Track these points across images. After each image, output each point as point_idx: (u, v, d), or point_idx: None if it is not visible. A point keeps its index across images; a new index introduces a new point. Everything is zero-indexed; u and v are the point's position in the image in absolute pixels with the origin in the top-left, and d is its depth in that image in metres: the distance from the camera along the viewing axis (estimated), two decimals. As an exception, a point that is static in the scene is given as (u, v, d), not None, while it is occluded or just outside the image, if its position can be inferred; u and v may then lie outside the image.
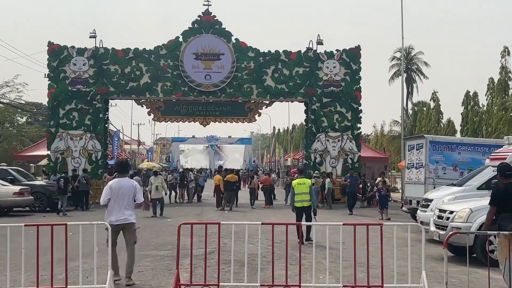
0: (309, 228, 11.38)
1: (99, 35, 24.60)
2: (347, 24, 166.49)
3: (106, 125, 25.93)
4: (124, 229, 7.53)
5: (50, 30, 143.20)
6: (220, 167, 25.87)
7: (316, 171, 22.57)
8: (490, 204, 7.02)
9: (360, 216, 18.45)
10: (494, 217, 6.84)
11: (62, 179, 19.19)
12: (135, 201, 7.70)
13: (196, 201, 24.99)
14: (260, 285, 6.72)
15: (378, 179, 20.41)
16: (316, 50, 24.83)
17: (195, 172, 30.20)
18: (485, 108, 36.97)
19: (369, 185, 21.97)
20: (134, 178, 21.26)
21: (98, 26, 47.34)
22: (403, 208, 17.51)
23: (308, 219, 11.72)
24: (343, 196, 22.98)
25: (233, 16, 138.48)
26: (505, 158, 11.25)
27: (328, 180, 22.13)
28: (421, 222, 11.41)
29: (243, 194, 23.95)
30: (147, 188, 18.35)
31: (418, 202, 14.91)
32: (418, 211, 13.30)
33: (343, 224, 7.13)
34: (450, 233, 7.02)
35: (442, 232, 9.71)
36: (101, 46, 24.29)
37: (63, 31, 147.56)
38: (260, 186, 23.82)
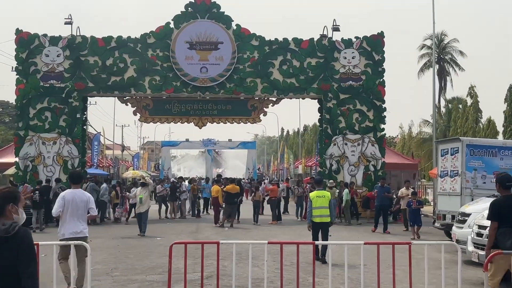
0: (324, 246, 11.67)
1: (76, 21, 24.75)
2: (367, 6, 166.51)
3: (85, 127, 25.96)
4: (76, 244, 8.06)
5: (18, 15, 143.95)
6: (219, 176, 25.88)
7: (331, 180, 22.59)
8: (489, 220, 7.41)
9: (383, 233, 18.41)
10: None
11: (37, 192, 19.33)
12: (88, 213, 8.61)
13: (194, 217, 25.00)
14: (267, 316, 6.72)
15: (402, 190, 20.33)
16: (331, 38, 24.87)
17: (196, 180, 30.20)
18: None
19: (394, 197, 21.91)
20: (89, 185, 21.65)
21: (75, 11, 47.60)
22: (436, 224, 17.47)
23: (325, 236, 12.18)
24: (364, 210, 22.97)
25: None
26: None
27: (346, 191, 22.13)
28: (457, 241, 11.37)
29: (246, 208, 23.95)
30: (130, 196, 18.50)
31: (453, 217, 14.87)
32: (453, 228, 13.27)
33: (365, 244, 7.13)
34: (492, 253, 7.01)
35: (481, 253, 9.65)
36: (78, 34, 24.39)
37: (34, 16, 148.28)
38: (266, 198, 23.81)
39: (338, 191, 22.01)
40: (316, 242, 9.38)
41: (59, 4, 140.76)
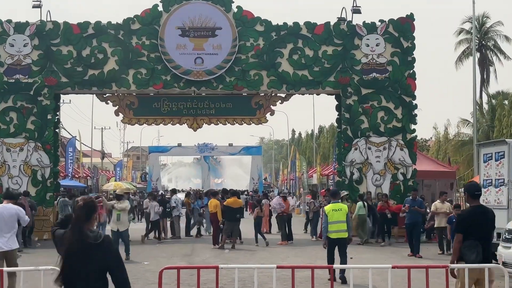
0: (343, 262, 12.69)
1: (46, 4, 24.81)
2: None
3: (57, 130, 25.99)
4: (6, 257, 10.32)
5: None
6: (217, 192, 25.60)
7: (343, 191, 22.56)
8: (455, 232, 8.24)
9: (414, 257, 18.28)
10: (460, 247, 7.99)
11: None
12: (19, 224, 10.93)
13: (192, 236, 25.03)
14: None
15: (436, 203, 20.15)
16: (351, 21, 24.91)
17: (191, 193, 30.21)
18: None
19: (428, 211, 21.80)
20: (60, 201, 21.71)
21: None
22: (478, 244, 17.39)
23: (343, 253, 13.00)
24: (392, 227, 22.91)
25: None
26: None
27: (359, 204, 21.95)
28: (504, 263, 11.34)
29: (248, 225, 23.92)
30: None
31: (499, 235, 14.80)
32: (499, 248, 13.24)
33: (393, 267, 7.10)
34: (454, 268, 7.57)
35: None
36: (48, 19, 24.48)
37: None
38: (274, 214, 23.79)
39: (348, 203, 21.92)
40: (334, 266, 9.39)
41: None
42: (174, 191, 27.07)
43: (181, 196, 29.74)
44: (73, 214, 5.57)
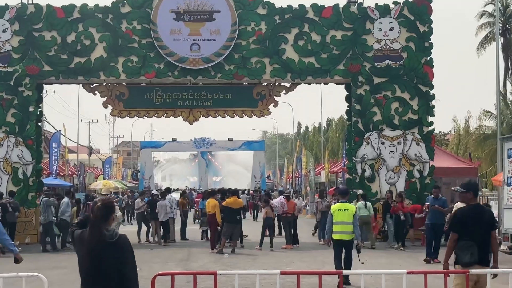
0: (348, 267, 13.21)
1: (27, -15, 24.77)
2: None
3: (40, 123, 26.02)
4: None
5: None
6: (215, 191, 25.54)
7: (359, 190, 22.52)
8: (450, 231, 8.79)
9: (432, 262, 18.21)
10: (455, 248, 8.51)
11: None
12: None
13: (187, 240, 25.08)
14: None
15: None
16: (362, 3, 24.90)
17: (186, 193, 30.16)
18: None
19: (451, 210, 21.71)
20: (42, 201, 21.65)
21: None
22: (502, 247, 17.43)
23: (348, 256, 13.48)
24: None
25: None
26: None
27: (359, 204, 21.64)
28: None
29: (250, 227, 23.92)
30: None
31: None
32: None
33: (408, 273, 7.10)
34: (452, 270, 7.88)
35: None
36: (30, 1, 24.44)
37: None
38: (276, 215, 23.76)
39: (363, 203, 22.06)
40: (344, 272, 9.41)
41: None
42: (168, 190, 26.96)
43: (176, 195, 29.73)
44: (90, 215, 6.44)
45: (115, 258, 6.04)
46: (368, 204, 22.24)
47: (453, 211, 20.08)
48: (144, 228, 24.91)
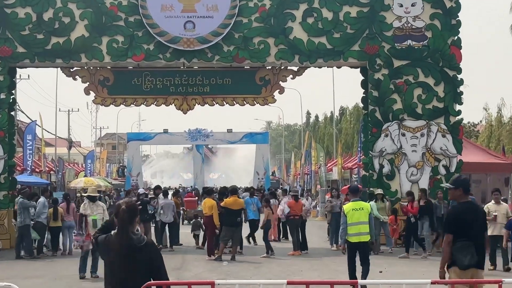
0: (365, 272, 13.87)
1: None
2: None
3: (13, 113, 25.95)
4: None
5: None
6: (212, 190, 25.35)
7: (378, 189, 22.59)
8: (445, 232, 9.32)
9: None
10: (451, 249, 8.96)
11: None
12: None
13: (180, 245, 24.93)
14: None
15: (489, 204, 19.63)
16: (379, -25, 24.82)
17: (180, 191, 30.06)
18: None
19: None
20: (19, 202, 21.45)
21: None
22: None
23: (365, 260, 14.05)
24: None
25: None
26: None
27: (371, 204, 21.25)
28: None
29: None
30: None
31: None
32: None
33: (432, 283, 7.36)
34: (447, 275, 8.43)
35: None
36: (1, -26, 24.36)
37: None
38: (281, 216, 23.73)
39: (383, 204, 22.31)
40: (360, 282, 9.35)
41: None
42: (158, 189, 26.92)
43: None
44: (114, 219, 7.02)
45: (145, 263, 6.79)
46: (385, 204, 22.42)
47: (490, 211, 19.99)
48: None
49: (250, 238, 24.76)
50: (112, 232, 6.97)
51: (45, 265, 19.76)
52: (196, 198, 34.15)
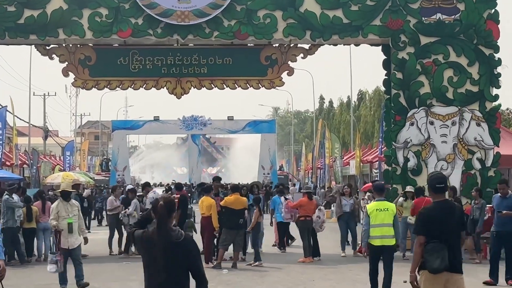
0: (387, 279, 14.14)
1: None
2: None
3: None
4: None
5: None
6: (217, 179, 25.58)
7: (409, 187, 22.68)
8: (414, 233, 10.14)
9: (507, 285, 18.05)
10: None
11: None
12: None
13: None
14: None
15: None
16: None
17: (172, 188, 30.27)
18: None
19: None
20: None
21: None
22: None
23: (388, 265, 14.35)
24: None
25: None
26: None
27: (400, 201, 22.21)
28: None
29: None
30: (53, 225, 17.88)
31: None
32: None
33: None
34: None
35: None
36: None
37: None
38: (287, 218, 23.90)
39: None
40: None
41: None
42: (147, 186, 26.92)
43: (160, 191, 29.84)
44: (151, 213, 7.84)
45: (182, 259, 7.59)
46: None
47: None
48: (116, 235, 24.78)
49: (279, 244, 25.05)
50: (149, 227, 7.77)
51: (18, 273, 19.56)
52: (189, 194, 34.21)
